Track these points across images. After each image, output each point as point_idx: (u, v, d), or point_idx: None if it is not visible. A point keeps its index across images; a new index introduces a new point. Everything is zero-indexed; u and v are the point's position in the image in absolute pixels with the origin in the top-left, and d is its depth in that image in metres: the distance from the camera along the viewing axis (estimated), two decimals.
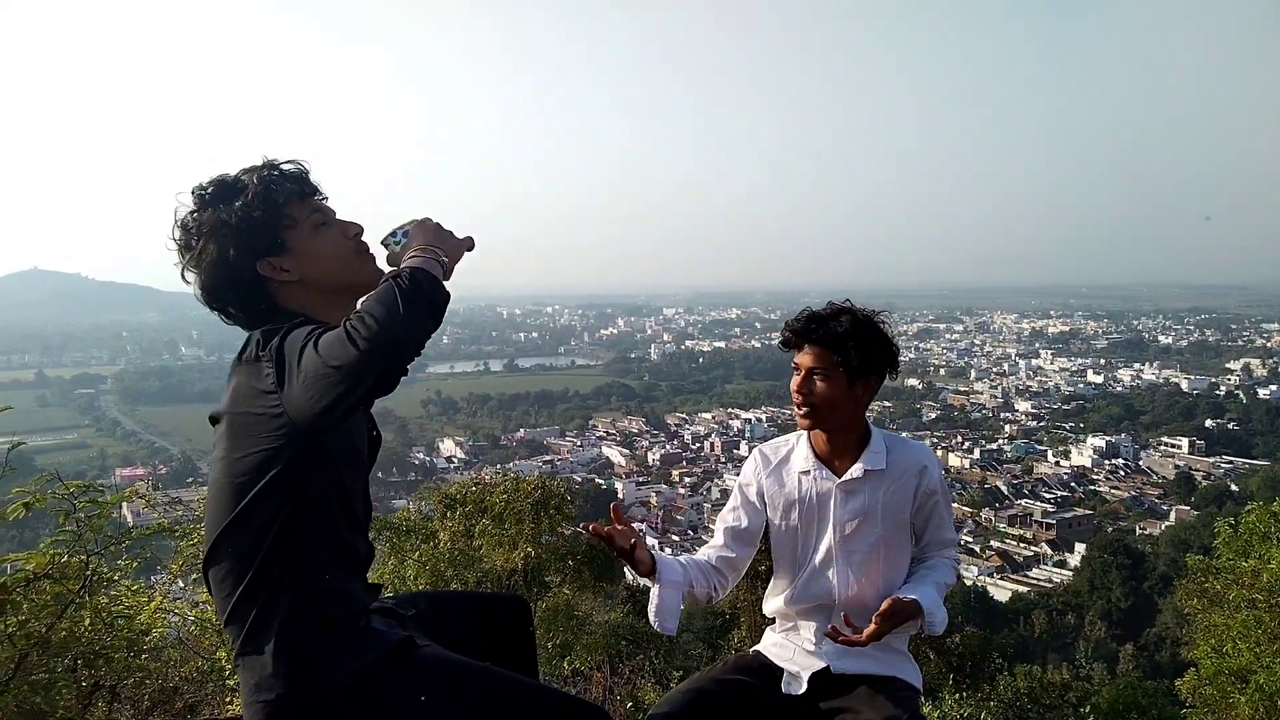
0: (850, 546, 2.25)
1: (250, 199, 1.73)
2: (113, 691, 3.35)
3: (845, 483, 2.26)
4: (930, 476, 2.26)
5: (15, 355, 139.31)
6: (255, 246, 1.72)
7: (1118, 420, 79.92)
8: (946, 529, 2.33)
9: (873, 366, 2.21)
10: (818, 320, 2.22)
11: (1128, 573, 34.69)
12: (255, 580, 1.65)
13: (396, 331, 1.45)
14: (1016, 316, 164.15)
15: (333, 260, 1.78)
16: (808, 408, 2.22)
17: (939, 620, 2.16)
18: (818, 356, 2.20)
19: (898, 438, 2.33)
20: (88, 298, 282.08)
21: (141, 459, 71.87)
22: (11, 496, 2.93)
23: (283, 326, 1.64)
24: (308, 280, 1.76)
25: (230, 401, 1.67)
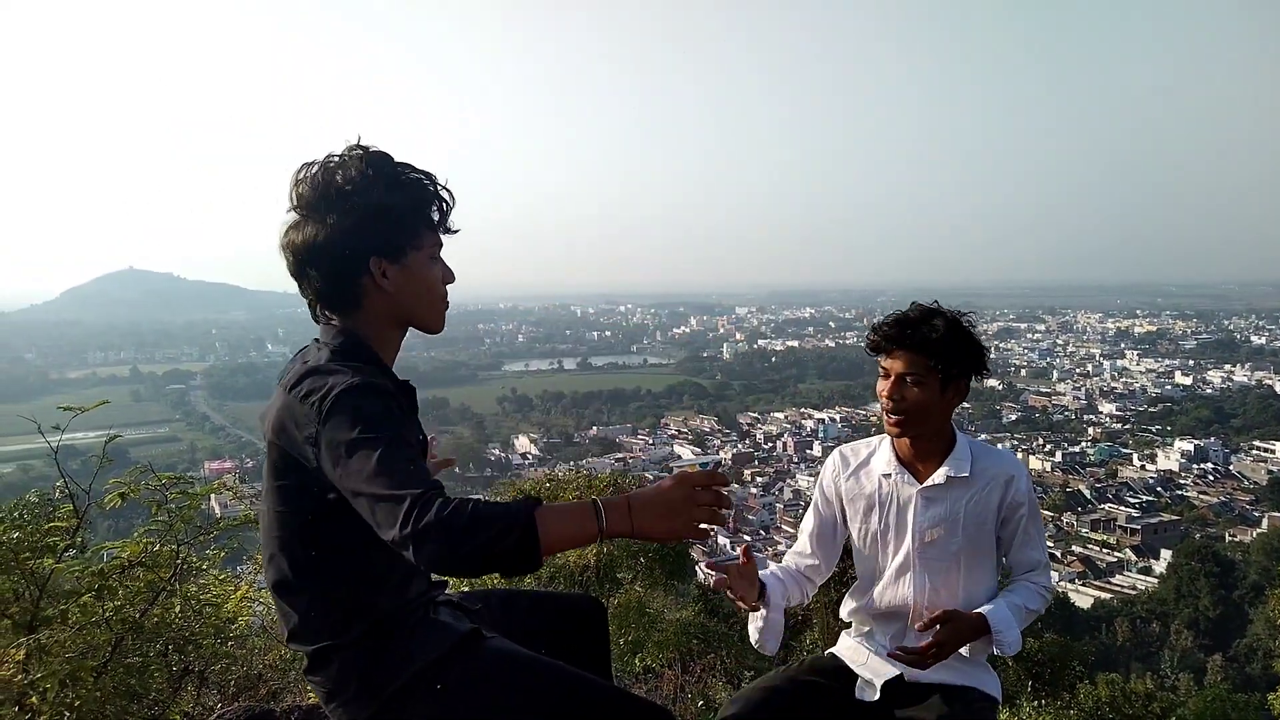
0: (929, 554, 2.21)
1: (407, 198, 1.70)
2: (201, 676, 3.46)
3: (927, 489, 2.21)
4: (1017, 488, 2.19)
5: (112, 352, 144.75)
6: (383, 242, 1.69)
7: (1207, 423, 76.71)
8: (1034, 548, 2.24)
9: (965, 370, 2.16)
10: (910, 324, 2.14)
11: (1216, 581, 33.38)
12: (316, 595, 1.68)
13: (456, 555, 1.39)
14: (1101, 316, 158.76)
15: (425, 294, 1.77)
16: (899, 414, 2.16)
17: (1008, 641, 2.10)
18: (910, 362, 2.13)
19: (985, 446, 2.27)
20: (179, 296, 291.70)
21: (229, 452, 74.10)
22: (108, 487, 3.05)
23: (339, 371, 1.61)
24: (395, 298, 1.73)
25: (273, 430, 1.66)
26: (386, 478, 1.45)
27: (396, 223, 1.69)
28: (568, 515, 1.46)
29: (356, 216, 1.66)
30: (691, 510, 1.53)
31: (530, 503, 1.45)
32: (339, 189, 1.66)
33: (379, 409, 1.55)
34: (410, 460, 1.50)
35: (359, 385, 1.56)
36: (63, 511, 3.20)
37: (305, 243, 1.68)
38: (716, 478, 1.58)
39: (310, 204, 1.69)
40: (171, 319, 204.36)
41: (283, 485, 1.66)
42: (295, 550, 1.67)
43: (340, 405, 1.54)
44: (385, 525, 1.44)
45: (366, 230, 1.66)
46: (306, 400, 1.58)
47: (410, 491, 1.42)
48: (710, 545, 47.42)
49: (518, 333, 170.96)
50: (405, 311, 1.76)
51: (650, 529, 1.50)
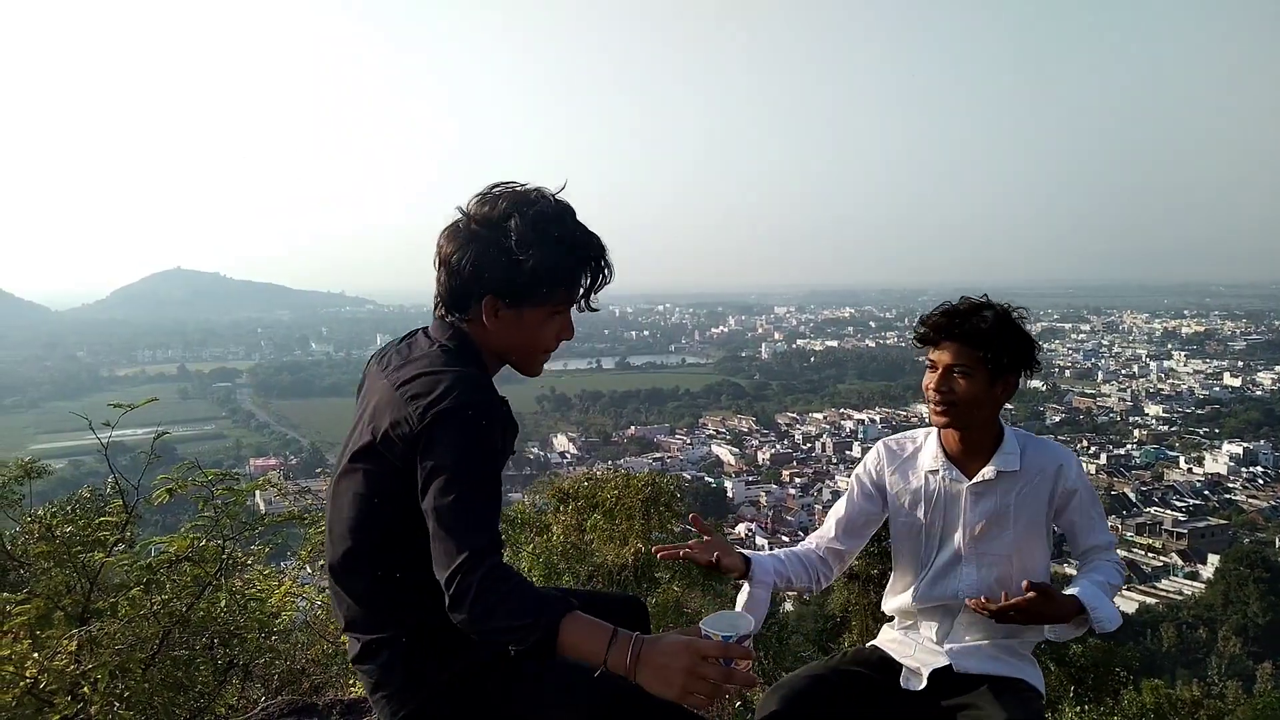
0: (981, 548, 2.18)
1: (555, 263, 1.67)
2: (245, 670, 3.50)
3: (976, 484, 2.18)
4: (1068, 476, 2.16)
5: (160, 350, 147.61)
6: (505, 289, 1.68)
7: (1257, 426, 74.78)
8: (1100, 532, 2.21)
9: (1016, 364, 2.12)
10: (959, 315, 2.12)
11: (1266, 586, 32.63)
12: (374, 581, 1.69)
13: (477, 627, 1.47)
14: (1147, 316, 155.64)
15: (525, 345, 1.77)
16: (946, 405, 2.13)
17: (1106, 616, 2.04)
18: (959, 353, 2.10)
19: (1034, 437, 2.23)
20: (226, 296, 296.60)
21: (274, 450, 75.22)
22: (157, 483, 3.11)
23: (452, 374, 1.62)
24: (496, 335, 1.73)
25: (370, 415, 1.68)
26: (459, 517, 1.51)
27: (528, 281, 1.66)
28: (586, 635, 1.47)
29: (498, 253, 1.65)
30: (692, 683, 1.44)
31: (561, 608, 1.47)
32: (500, 221, 1.67)
33: (477, 439, 1.56)
34: (486, 505, 1.54)
35: (468, 406, 1.57)
36: (113, 507, 3.28)
37: (447, 247, 1.70)
38: (733, 650, 1.48)
39: (472, 218, 1.70)
40: (218, 318, 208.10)
41: (366, 470, 1.67)
42: (362, 534, 1.68)
43: (445, 423, 1.55)
44: (438, 563, 1.50)
45: (497, 272, 1.66)
46: (413, 401, 1.59)
47: (470, 545, 1.48)
48: (748, 545, 47.26)
49: None
50: (502, 347, 1.76)
51: (646, 684, 1.45)
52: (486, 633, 1.47)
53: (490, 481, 1.56)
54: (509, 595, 1.45)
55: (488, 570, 1.46)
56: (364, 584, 1.71)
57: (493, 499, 1.56)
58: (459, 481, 1.52)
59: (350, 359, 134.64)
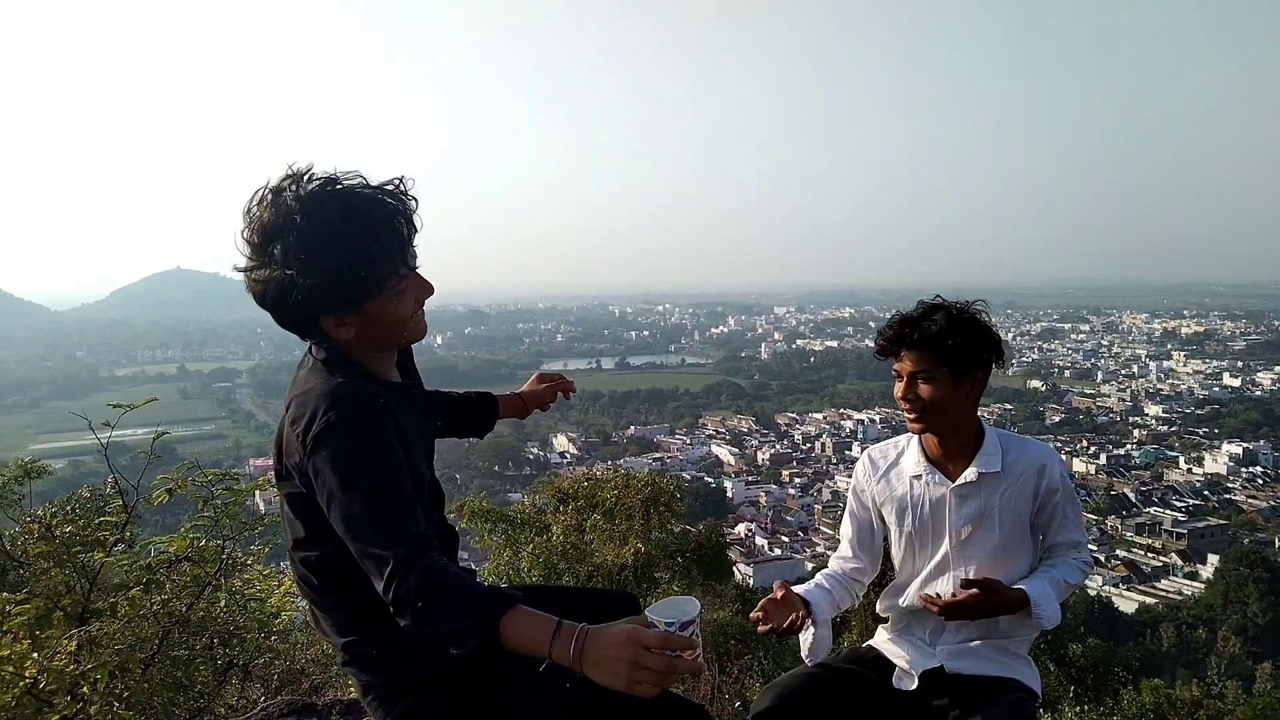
0: (967, 552, 2.20)
1: (362, 260, 1.56)
2: (245, 670, 3.51)
3: (959, 487, 2.20)
4: (1050, 475, 2.18)
5: (160, 350, 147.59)
6: (328, 306, 1.60)
7: (1256, 426, 74.74)
8: (1072, 530, 2.24)
9: (976, 360, 2.14)
10: (910, 323, 2.15)
11: (1266, 587, 32.70)
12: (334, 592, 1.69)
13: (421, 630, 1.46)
14: (1147, 316, 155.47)
15: (395, 324, 1.68)
16: (916, 412, 2.16)
17: (1047, 615, 2.09)
18: (918, 360, 2.13)
19: (1015, 437, 2.25)
20: (226, 296, 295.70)
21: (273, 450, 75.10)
22: (156, 483, 3.10)
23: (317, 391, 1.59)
24: (357, 338, 1.66)
25: (276, 439, 1.69)
26: (369, 531, 1.49)
27: (342, 286, 1.57)
28: (528, 629, 1.45)
29: (293, 285, 1.55)
30: (636, 673, 1.40)
31: (501, 605, 1.45)
32: (272, 253, 1.55)
33: (359, 448, 1.54)
34: (396, 509, 1.51)
35: (336, 422, 1.54)
36: (112, 507, 3.28)
37: (253, 292, 1.61)
38: (674, 640, 1.44)
39: (253, 254, 1.59)
40: (218, 318, 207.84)
41: (287, 494, 1.68)
42: (308, 549, 1.68)
43: (321, 446, 1.53)
44: (373, 577, 1.49)
45: (307, 298, 1.56)
46: (294, 426, 1.59)
47: (394, 550, 1.46)
48: (748, 545, 47.31)
49: (556, 332, 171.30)
50: (378, 340, 1.70)
51: (592, 675, 1.43)
52: (431, 636, 1.45)
53: (389, 486, 1.53)
54: (446, 599, 1.44)
55: (420, 574, 1.45)
56: (325, 598, 1.71)
57: (400, 501, 1.53)
58: (356, 498, 1.50)
59: None
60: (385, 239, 1.59)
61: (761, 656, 6.15)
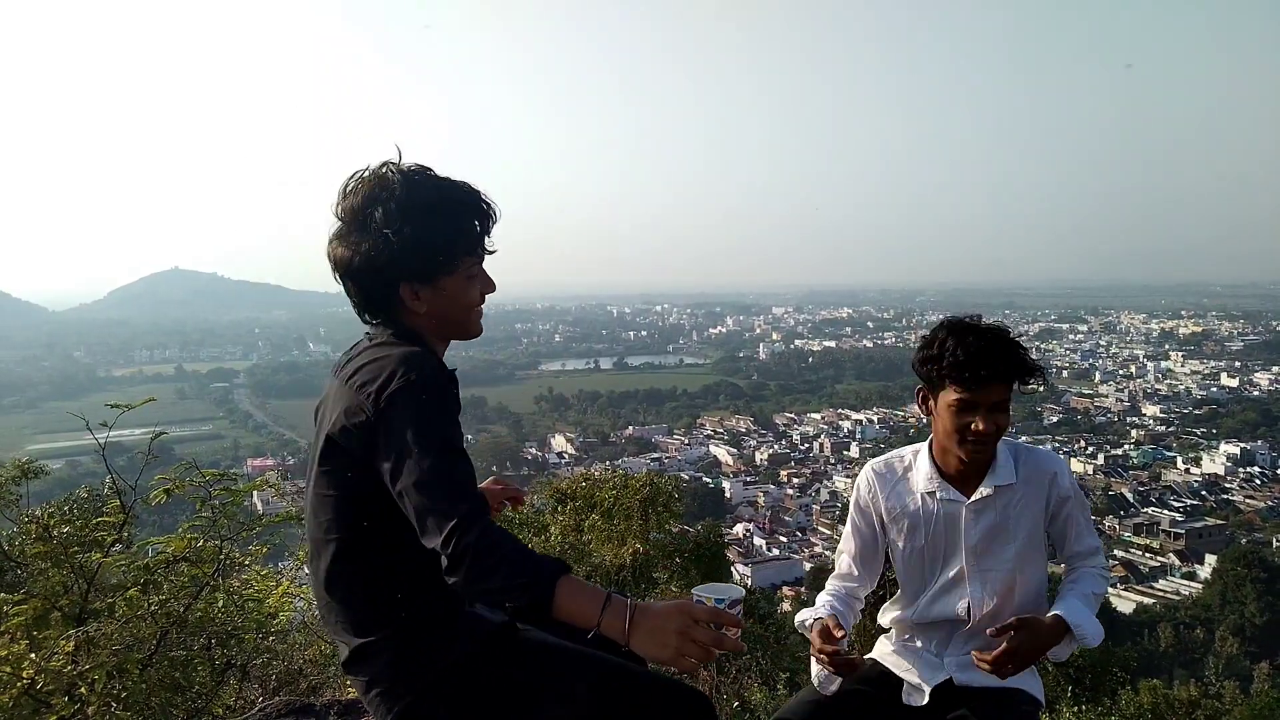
0: (985, 565, 2.19)
1: (442, 228, 1.72)
2: (243, 670, 3.50)
3: (975, 502, 2.17)
4: (1060, 484, 2.18)
5: (158, 350, 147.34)
6: (413, 271, 1.73)
7: (1254, 426, 74.92)
8: (1087, 537, 2.23)
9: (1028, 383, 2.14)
10: (1002, 354, 2.06)
11: (1264, 586, 32.74)
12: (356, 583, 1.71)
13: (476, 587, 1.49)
14: (1145, 316, 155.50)
15: (463, 310, 1.82)
16: (988, 443, 2.12)
17: (1091, 633, 2.07)
18: (1002, 390, 2.09)
19: (1024, 447, 2.24)
20: (223, 296, 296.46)
21: (271, 450, 75.20)
22: (154, 483, 3.10)
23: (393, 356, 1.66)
24: (427, 315, 1.78)
25: (330, 419, 1.69)
26: (438, 487, 1.53)
27: (428, 254, 1.72)
28: (581, 596, 1.49)
29: (387, 247, 1.68)
30: (684, 645, 1.47)
31: (558, 569, 1.50)
32: (372, 216, 1.69)
33: (436, 408, 1.60)
34: (462, 470, 1.57)
35: (417, 381, 1.60)
36: (110, 507, 3.27)
37: (340, 259, 1.74)
38: (724, 616, 1.53)
39: (348, 223, 1.73)
40: (216, 318, 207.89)
41: (331, 470, 1.69)
42: (338, 537, 1.70)
43: (398, 403, 1.59)
44: (428, 533, 1.52)
45: (396, 260, 1.69)
46: (363, 390, 1.63)
47: (458, 508, 1.50)
48: (746, 545, 47.28)
49: (555, 332, 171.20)
50: (445, 321, 1.81)
51: (640, 647, 1.48)
52: (485, 593, 1.53)
53: (458, 447, 1.60)
54: (505, 555, 1.48)
55: (480, 532, 1.48)
56: (349, 587, 1.72)
57: (465, 463, 1.59)
58: (429, 454, 1.54)
59: None
60: (471, 220, 1.76)
61: (760, 657, 6.15)
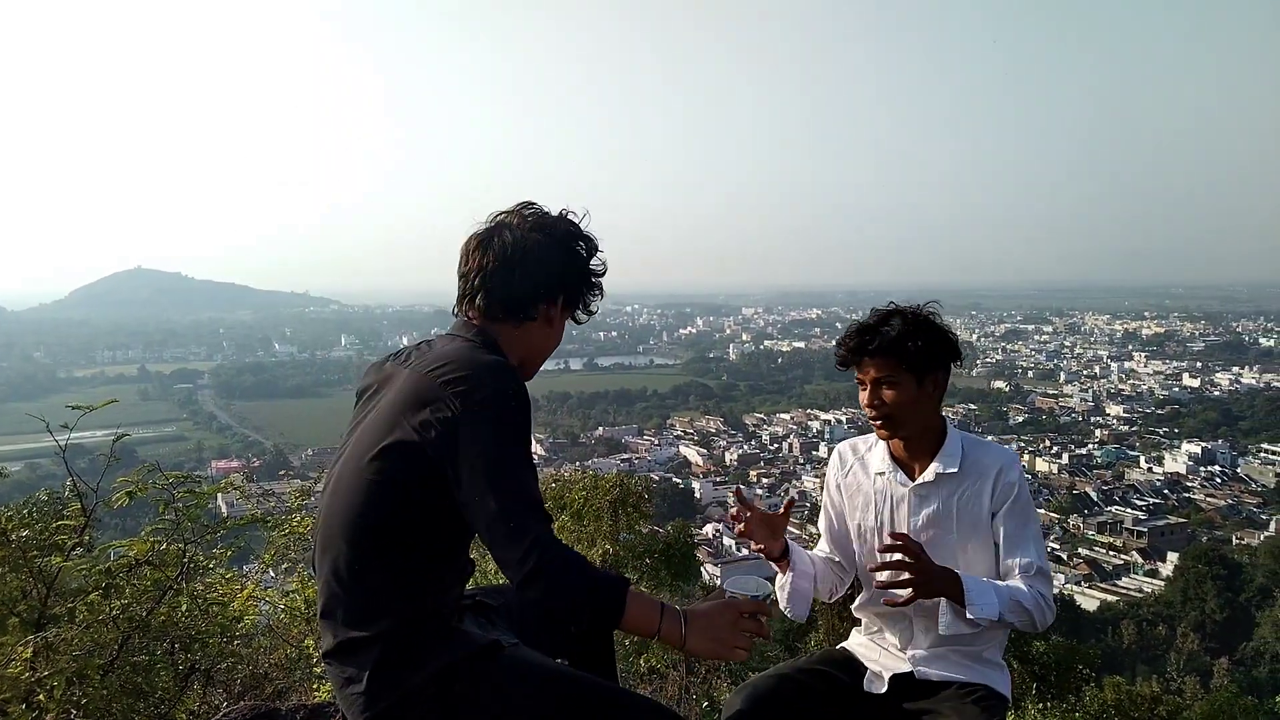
0: (928, 551, 2.18)
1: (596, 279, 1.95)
2: (207, 675, 3.46)
3: (919, 486, 2.22)
4: (1007, 477, 2.17)
5: (120, 350, 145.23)
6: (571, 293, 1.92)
7: (1214, 426, 76.39)
8: (1024, 549, 2.15)
9: (935, 362, 2.17)
10: (869, 330, 2.18)
11: (1223, 584, 33.36)
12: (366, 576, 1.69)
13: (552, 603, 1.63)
14: (1108, 318, 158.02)
15: (547, 349, 1.96)
16: (883, 418, 2.19)
17: (980, 603, 2.03)
18: (880, 366, 2.16)
19: (977, 439, 2.27)
20: (187, 296, 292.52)
21: (236, 452, 74.30)
22: (116, 486, 3.06)
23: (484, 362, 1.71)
24: (539, 336, 1.90)
25: (398, 404, 1.70)
26: (518, 503, 1.61)
27: (584, 289, 1.93)
28: (644, 608, 1.68)
29: (579, 261, 1.90)
30: (736, 637, 1.72)
31: (624, 584, 1.66)
32: (573, 239, 1.90)
33: (521, 425, 1.68)
34: (535, 488, 1.65)
35: (510, 393, 1.67)
36: (70, 510, 3.21)
37: (529, 244, 1.84)
38: (762, 608, 1.77)
39: (552, 226, 1.88)
40: (179, 318, 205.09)
41: (394, 461, 1.67)
42: (380, 526, 1.68)
43: (488, 410, 1.65)
44: (501, 546, 1.60)
45: (572, 276, 1.90)
46: (449, 385, 1.66)
47: (536, 527, 1.61)
48: (716, 545, 47.41)
49: None
50: (535, 349, 1.93)
51: (697, 647, 1.70)
52: (562, 610, 1.64)
53: (532, 465, 1.67)
54: (580, 574, 1.62)
55: (555, 553, 1.59)
56: (359, 576, 1.70)
57: (536, 482, 1.67)
58: (512, 468, 1.62)
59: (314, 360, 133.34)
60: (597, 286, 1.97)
61: None
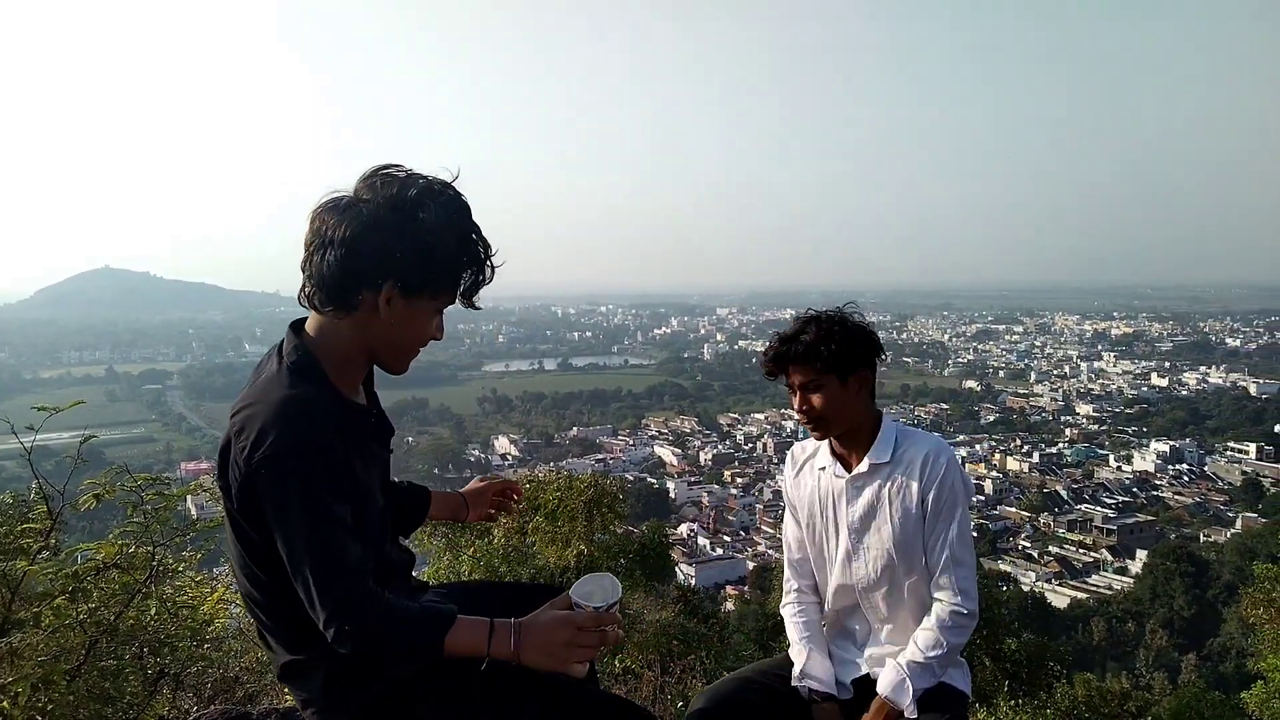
0: (865, 541, 2.26)
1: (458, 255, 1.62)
2: (177, 679, 3.42)
3: (854, 478, 2.27)
4: (935, 465, 2.17)
5: (87, 351, 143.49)
6: (409, 275, 1.60)
7: (1182, 425, 77.67)
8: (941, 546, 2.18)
9: (856, 359, 2.22)
10: (788, 340, 2.25)
11: (1191, 581, 33.86)
12: (279, 607, 1.65)
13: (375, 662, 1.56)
14: (1078, 318, 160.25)
15: (413, 340, 1.70)
16: (814, 422, 2.26)
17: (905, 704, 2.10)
18: (802, 372, 2.23)
19: (910, 430, 2.30)
20: (156, 296, 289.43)
21: (206, 453, 73.38)
22: (83, 488, 3.01)
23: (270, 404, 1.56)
24: (380, 327, 1.64)
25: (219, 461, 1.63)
26: (307, 566, 1.52)
27: (433, 269, 1.61)
28: (469, 635, 1.59)
29: (408, 239, 1.57)
30: (571, 652, 1.60)
31: (440, 628, 1.57)
32: (411, 207, 1.57)
33: (300, 477, 1.52)
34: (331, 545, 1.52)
35: (282, 450, 1.51)
36: (36, 513, 3.16)
37: (342, 223, 1.57)
38: (602, 619, 1.62)
39: (374, 198, 1.59)
40: (148, 318, 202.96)
41: (232, 509, 1.62)
42: (252, 565, 1.64)
43: (266, 472, 1.52)
44: (312, 610, 1.53)
45: (405, 256, 1.57)
46: (239, 440, 1.55)
47: (331, 592, 1.51)
48: (690, 545, 47.52)
49: (498, 333, 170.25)
50: (380, 343, 1.68)
51: (532, 661, 1.59)
52: (375, 664, 1.57)
53: (328, 519, 1.52)
54: (386, 631, 1.54)
55: (356, 612, 1.51)
56: (268, 614, 1.67)
57: (338, 536, 1.53)
58: (297, 529, 1.52)
59: None
60: (478, 267, 1.67)
61: (704, 657, 6.19)
